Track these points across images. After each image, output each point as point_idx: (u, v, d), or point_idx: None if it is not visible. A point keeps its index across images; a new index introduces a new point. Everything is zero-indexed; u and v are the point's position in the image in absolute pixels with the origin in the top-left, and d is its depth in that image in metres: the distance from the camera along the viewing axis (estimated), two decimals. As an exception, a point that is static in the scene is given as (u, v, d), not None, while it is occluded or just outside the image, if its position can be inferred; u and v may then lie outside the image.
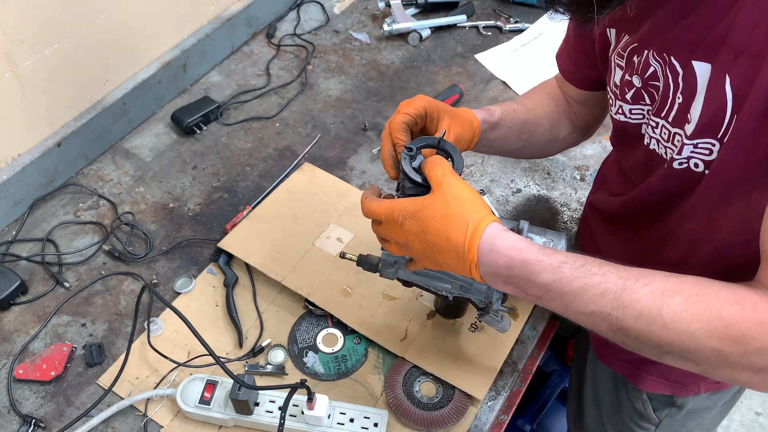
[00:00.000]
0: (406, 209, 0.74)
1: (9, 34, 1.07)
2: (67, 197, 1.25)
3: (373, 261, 0.92)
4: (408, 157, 0.79)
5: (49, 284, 1.12)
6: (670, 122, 0.79)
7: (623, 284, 0.66)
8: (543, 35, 1.61)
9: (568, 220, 1.24)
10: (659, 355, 0.67)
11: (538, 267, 0.69)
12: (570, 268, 0.68)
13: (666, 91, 0.78)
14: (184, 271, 1.14)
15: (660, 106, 0.80)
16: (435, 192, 0.74)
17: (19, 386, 1.00)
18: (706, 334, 0.62)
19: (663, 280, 0.66)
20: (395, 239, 0.78)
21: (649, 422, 1.12)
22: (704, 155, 0.75)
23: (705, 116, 0.73)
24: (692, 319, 0.63)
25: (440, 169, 0.76)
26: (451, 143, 0.83)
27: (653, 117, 0.83)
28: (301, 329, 1.07)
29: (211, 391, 0.94)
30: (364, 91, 1.48)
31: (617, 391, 1.13)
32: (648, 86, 0.82)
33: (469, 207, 0.72)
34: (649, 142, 0.85)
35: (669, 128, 0.80)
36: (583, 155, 1.36)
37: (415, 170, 0.79)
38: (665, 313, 0.63)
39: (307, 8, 1.68)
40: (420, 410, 0.96)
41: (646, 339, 0.65)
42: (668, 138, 0.81)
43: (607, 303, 0.66)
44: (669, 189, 0.84)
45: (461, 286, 0.88)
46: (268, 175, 1.30)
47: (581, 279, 0.67)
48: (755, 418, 2.19)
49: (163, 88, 1.40)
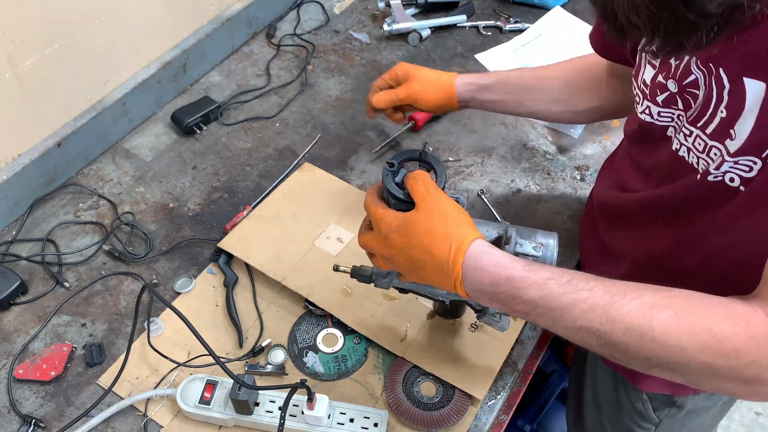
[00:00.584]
0: (390, 223, 0.75)
1: (9, 34, 1.07)
2: (67, 197, 1.25)
3: (367, 272, 0.92)
4: (390, 173, 0.79)
5: (49, 284, 1.12)
6: (708, 134, 0.75)
7: (611, 299, 0.66)
8: (543, 35, 1.61)
9: (568, 220, 1.24)
10: (648, 368, 0.66)
11: (525, 284, 0.68)
12: (557, 284, 0.68)
13: (707, 103, 0.74)
14: (184, 271, 1.14)
15: (697, 116, 0.76)
16: (419, 208, 0.75)
17: (19, 386, 1.00)
18: (697, 348, 0.62)
19: (652, 294, 0.66)
20: (380, 253, 0.78)
21: (649, 422, 1.12)
22: (743, 171, 0.72)
23: (756, 135, 0.69)
24: (682, 333, 0.63)
25: (423, 185, 0.76)
26: (433, 155, 0.83)
27: (687, 125, 0.79)
28: (301, 329, 1.07)
29: (211, 391, 0.94)
30: (364, 91, 1.48)
31: (617, 391, 1.13)
32: (685, 93, 0.78)
33: (453, 223, 0.72)
34: (678, 148, 0.81)
35: (706, 140, 0.76)
36: (583, 155, 1.36)
37: (398, 185, 0.78)
38: (655, 326, 0.63)
39: (307, 8, 1.68)
40: (420, 410, 0.96)
41: (635, 353, 0.65)
42: (704, 149, 0.76)
43: (596, 318, 0.65)
44: (696, 198, 0.80)
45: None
46: (268, 175, 1.30)
47: (568, 295, 0.67)
48: (755, 418, 2.19)
49: (163, 88, 1.40)
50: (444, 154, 1.34)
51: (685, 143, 0.80)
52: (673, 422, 1.10)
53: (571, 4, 1.70)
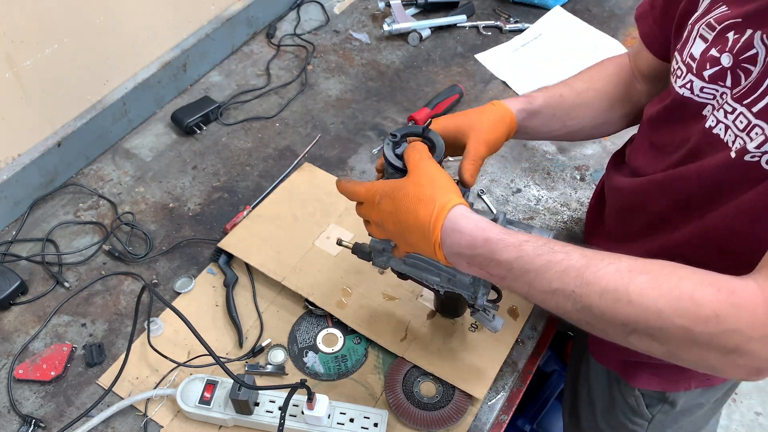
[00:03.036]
0: (382, 189, 0.78)
1: (9, 34, 1.07)
2: (67, 197, 1.25)
3: (366, 249, 0.96)
4: (391, 143, 0.83)
5: (49, 284, 1.12)
6: (755, 113, 0.72)
7: (587, 262, 0.65)
8: (543, 35, 1.61)
9: (568, 220, 1.24)
10: (625, 335, 0.65)
11: (501, 245, 0.69)
12: (532, 246, 0.68)
13: (761, 79, 0.71)
14: (184, 271, 1.14)
15: (747, 92, 0.73)
16: (410, 174, 0.78)
17: (19, 386, 1.00)
18: (675, 312, 0.60)
19: (631, 260, 0.65)
20: (373, 219, 0.81)
21: (642, 418, 1.12)
22: None
23: None
24: (659, 297, 0.61)
25: (417, 154, 0.79)
26: (435, 132, 0.85)
27: (732, 101, 0.75)
28: (301, 329, 1.07)
29: (211, 391, 0.94)
30: (364, 91, 1.48)
31: (610, 388, 1.14)
32: (738, 68, 0.74)
33: (439, 189, 0.75)
34: (713, 126, 0.77)
35: (750, 118, 0.72)
36: (583, 155, 1.36)
37: (397, 157, 0.83)
38: (631, 290, 0.62)
39: (307, 8, 1.68)
40: (420, 410, 0.96)
41: (611, 317, 0.63)
42: (745, 128, 0.73)
43: (570, 280, 0.65)
44: (722, 179, 0.76)
45: (449, 279, 0.89)
46: (268, 175, 1.30)
47: (543, 256, 0.67)
48: (755, 418, 2.19)
49: (163, 88, 1.41)
50: (444, 154, 1.34)
51: (724, 120, 0.76)
52: (666, 418, 1.11)
53: (571, 4, 1.70)
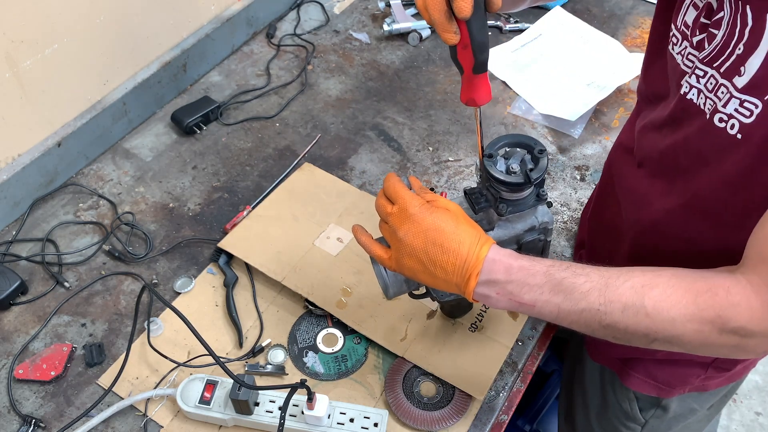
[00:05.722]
0: (422, 204, 0.79)
1: (9, 34, 1.07)
2: (67, 197, 1.25)
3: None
4: (492, 164, 0.86)
5: (49, 284, 1.12)
6: (722, 73, 0.74)
7: (606, 281, 0.71)
8: (543, 35, 1.61)
9: (568, 220, 1.24)
10: (648, 343, 0.72)
11: (533, 270, 0.73)
12: (557, 270, 0.73)
13: (728, 41, 0.73)
14: (184, 271, 1.14)
15: (716, 55, 0.75)
16: (433, 212, 0.78)
17: (19, 386, 1.00)
18: (685, 319, 0.68)
19: (641, 275, 0.71)
20: (393, 224, 0.79)
21: (635, 422, 1.12)
22: (744, 117, 0.72)
23: (764, 72, 0.69)
24: (671, 308, 0.69)
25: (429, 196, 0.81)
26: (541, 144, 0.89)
27: (701, 65, 0.77)
28: (301, 329, 1.07)
29: (211, 391, 0.94)
30: (364, 91, 1.48)
31: (604, 390, 1.14)
32: (709, 32, 0.76)
33: (465, 223, 0.78)
34: (687, 92, 0.80)
35: (718, 78, 0.75)
36: (583, 155, 1.36)
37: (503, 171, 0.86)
38: (647, 303, 0.69)
39: (307, 8, 1.68)
40: (420, 410, 0.96)
41: (634, 330, 0.70)
42: (713, 88, 0.76)
43: (595, 299, 0.71)
44: (704, 147, 0.79)
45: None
46: (268, 175, 1.30)
47: (569, 279, 0.72)
48: (755, 418, 2.19)
49: (163, 88, 1.41)
50: (444, 154, 1.34)
51: (696, 85, 0.79)
52: (659, 423, 1.11)
53: (571, 4, 1.70)
